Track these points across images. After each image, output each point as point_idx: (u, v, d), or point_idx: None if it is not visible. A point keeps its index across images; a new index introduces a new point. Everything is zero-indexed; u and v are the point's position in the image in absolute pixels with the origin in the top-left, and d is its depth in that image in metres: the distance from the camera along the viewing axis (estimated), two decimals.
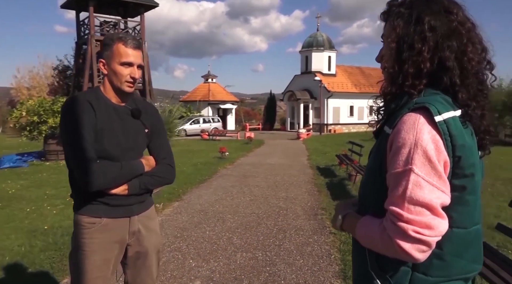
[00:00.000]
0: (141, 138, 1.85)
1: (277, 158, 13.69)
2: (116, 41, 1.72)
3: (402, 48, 1.03)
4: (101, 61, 1.77)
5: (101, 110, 1.72)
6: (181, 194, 7.28)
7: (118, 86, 1.75)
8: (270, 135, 29.22)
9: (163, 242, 4.49)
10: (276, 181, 8.88)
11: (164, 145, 1.95)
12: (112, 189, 1.70)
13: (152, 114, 1.95)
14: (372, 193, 1.08)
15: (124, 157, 1.76)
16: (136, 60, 1.76)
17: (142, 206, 1.87)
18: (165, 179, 1.90)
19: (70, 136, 1.65)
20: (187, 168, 10.74)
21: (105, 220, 1.75)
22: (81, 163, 1.62)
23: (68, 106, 1.69)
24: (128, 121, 1.81)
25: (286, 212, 5.94)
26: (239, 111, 43.34)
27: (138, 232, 1.86)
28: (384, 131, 1.06)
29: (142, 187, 1.80)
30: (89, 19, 23.92)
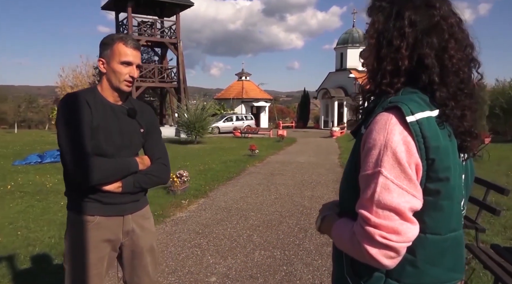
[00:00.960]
0: (136, 137, 1.88)
1: (307, 156, 13.56)
2: (116, 40, 1.76)
3: (381, 45, 0.99)
4: (100, 60, 1.79)
5: (97, 108, 1.76)
6: (208, 191, 7.37)
7: (117, 85, 1.78)
8: (303, 133, 29.00)
9: (185, 238, 4.59)
10: (304, 179, 8.80)
11: (159, 145, 1.97)
12: (105, 186, 1.73)
13: (148, 114, 1.97)
14: (348, 195, 1.05)
15: (119, 154, 1.79)
16: (135, 60, 1.79)
17: (136, 205, 1.89)
18: (159, 178, 1.91)
19: (67, 132, 1.68)
20: (217, 165, 10.87)
21: (98, 218, 1.78)
22: (79, 157, 1.66)
23: (65, 103, 1.73)
24: (124, 120, 1.84)
25: (309, 211, 5.88)
26: (273, 109, 43.30)
27: (132, 232, 1.88)
28: (360, 131, 1.02)
29: (136, 185, 1.81)
30: (127, 20, 24.71)
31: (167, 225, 5.12)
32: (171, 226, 5.08)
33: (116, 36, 1.78)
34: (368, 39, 1.04)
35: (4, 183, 8.10)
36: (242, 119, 30.50)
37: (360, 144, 0.97)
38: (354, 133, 1.09)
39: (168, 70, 26.76)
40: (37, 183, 8.17)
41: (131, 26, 24.45)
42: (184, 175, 6.99)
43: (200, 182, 8.17)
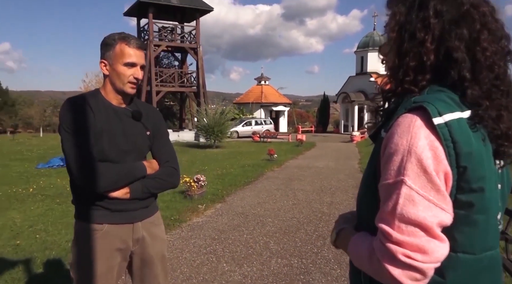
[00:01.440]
0: (142, 140, 1.80)
1: (327, 161, 13.35)
2: (119, 41, 1.68)
3: (403, 38, 0.88)
4: (102, 62, 1.71)
5: (99, 112, 1.69)
6: (225, 195, 7.31)
7: (120, 87, 1.71)
8: (322, 138, 28.70)
9: (200, 244, 4.52)
10: (323, 185, 8.63)
11: (167, 148, 1.88)
12: (113, 192, 1.66)
13: (154, 116, 1.89)
14: (367, 206, 0.94)
15: (124, 159, 1.72)
16: (139, 60, 1.71)
17: (146, 212, 1.82)
18: (168, 182, 1.83)
19: (69, 137, 1.62)
20: (235, 170, 10.81)
21: (107, 227, 1.71)
22: (83, 164, 1.60)
23: (66, 108, 1.66)
24: (129, 123, 1.76)
25: (328, 218, 5.73)
26: (292, 114, 43.09)
27: (142, 239, 1.81)
28: (380, 135, 0.91)
29: (144, 191, 1.74)
30: (148, 25, 25.11)
31: (183, 230, 5.06)
32: (187, 231, 5.02)
33: (118, 36, 1.70)
34: (388, 33, 0.93)
35: (27, 186, 8.26)
36: (261, 124, 30.44)
37: (380, 149, 0.86)
38: (373, 137, 0.98)
39: (188, 75, 27.01)
40: (58, 186, 8.29)
41: (152, 31, 24.82)
42: (201, 179, 6.95)
43: (218, 186, 8.12)
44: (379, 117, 1.00)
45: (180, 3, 25.15)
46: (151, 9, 24.48)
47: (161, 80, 25.10)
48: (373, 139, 0.98)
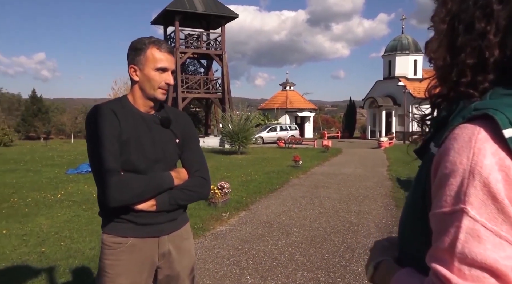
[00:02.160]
0: (171, 148, 1.70)
1: (354, 168, 13.00)
2: (149, 45, 1.60)
3: (456, 31, 0.72)
4: (132, 67, 1.63)
5: (126, 120, 1.61)
6: (249, 203, 7.17)
7: (152, 93, 1.62)
8: (348, 143, 28.17)
9: (223, 254, 4.39)
10: (350, 193, 8.36)
11: (197, 156, 1.77)
12: (138, 205, 1.56)
13: (184, 123, 1.79)
14: (413, 236, 0.78)
15: (152, 169, 1.63)
16: (171, 65, 1.62)
17: (173, 225, 1.71)
18: (197, 193, 1.71)
19: (93, 147, 1.56)
20: (259, 176, 10.67)
21: (132, 240, 1.62)
22: (101, 175, 1.52)
23: (90, 116, 1.59)
24: (157, 130, 1.67)
25: (357, 228, 5.49)
26: (317, 119, 42.63)
27: (169, 254, 1.70)
28: (429, 150, 0.75)
29: (171, 203, 1.63)
30: (175, 33, 25.49)
31: (206, 240, 4.96)
32: (210, 241, 4.91)
33: (149, 40, 1.61)
34: (436, 25, 0.77)
35: (56, 192, 8.42)
36: (286, 130, 30.22)
37: (431, 168, 0.70)
38: (420, 152, 0.82)
39: (213, 81, 27.20)
40: (85, 191, 8.40)
41: (178, 39, 25.17)
42: (225, 186, 6.85)
43: (242, 193, 8.00)
44: (426, 127, 0.83)
45: (205, 11, 25.42)
46: (178, 17, 24.84)
47: (187, 86, 25.37)
48: (419, 155, 0.82)
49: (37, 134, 40.84)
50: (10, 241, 4.89)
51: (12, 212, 6.57)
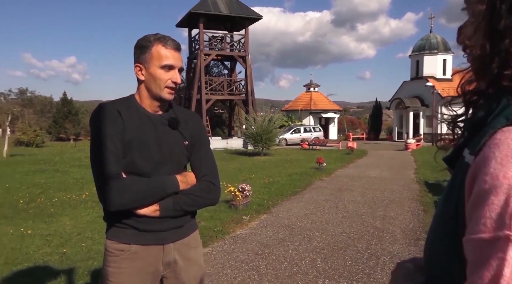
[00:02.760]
0: (178, 151, 1.60)
1: (379, 171, 12.66)
2: (155, 42, 1.51)
3: (497, 13, 0.59)
4: (137, 66, 1.55)
5: (131, 120, 1.53)
6: (271, 206, 7.05)
7: (157, 93, 1.54)
8: (374, 145, 27.57)
9: (242, 259, 4.30)
10: (375, 196, 8.10)
11: (206, 159, 1.67)
12: (140, 209, 1.48)
13: (194, 124, 1.69)
14: (443, 261, 0.65)
15: (158, 171, 1.54)
16: (177, 63, 1.53)
17: (179, 232, 1.61)
18: (205, 199, 1.61)
19: (94, 148, 1.49)
20: (282, 178, 10.53)
21: (134, 247, 1.53)
22: (101, 176, 1.44)
23: (94, 115, 1.53)
24: (164, 132, 1.58)
25: (382, 234, 5.27)
26: (342, 120, 42.02)
27: (174, 263, 1.61)
28: (463, 159, 0.62)
29: (176, 208, 1.53)
30: (199, 35, 25.71)
31: (226, 243, 4.88)
32: (229, 244, 4.83)
33: (154, 37, 1.53)
34: (472, 6, 0.64)
35: (81, 192, 8.57)
36: (310, 131, 29.89)
37: (465, 182, 0.58)
38: (451, 160, 0.69)
39: (237, 82, 27.25)
40: None
41: (202, 41, 25.37)
42: (247, 189, 6.76)
43: (264, 196, 7.89)
44: (458, 131, 0.70)
45: (229, 13, 25.51)
46: (202, 19, 25.04)
47: (210, 88, 25.52)
48: (449, 163, 0.69)
49: (67, 135, 42.14)
50: (34, 241, 4.97)
51: (38, 212, 6.72)
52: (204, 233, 5.10)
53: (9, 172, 12.16)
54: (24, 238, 5.11)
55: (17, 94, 63.16)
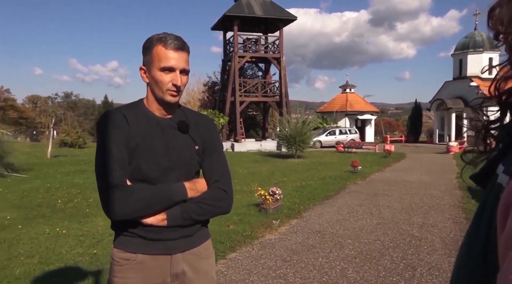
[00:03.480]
0: (188, 156, 1.52)
1: (419, 175, 12.11)
2: (156, 43, 1.44)
3: None
4: (141, 69, 1.50)
5: (138, 125, 1.46)
6: (302, 210, 6.87)
7: (161, 96, 1.47)
8: (413, 148, 26.55)
9: (270, 266, 4.17)
10: (413, 202, 7.71)
11: (218, 165, 1.57)
12: (145, 218, 1.40)
13: (205, 127, 1.60)
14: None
15: (166, 178, 1.46)
16: (179, 64, 1.44)
17: (188, 241, 1.52)
18: (215, 207, 1.51)
19: (98, 155, 1.43)
20: (315, 182, 10.30)
21: (140, 257, 1.46)
22: (103, 185, 1.38)
23: (100, 121, 1.47)
24: (173, 136, 1.51)
25: (419, 243, 4.97)
26: (379, 122, 40.87)
27: (183, 274, 1.51)
28: (495, 177, 0.48)
29: (185, 217, 1.45)
30: (233, 38, 25.89)
31: (254, 248, 4.77)
32: (257, 250, 4.71)
33: (156, 37, 1.46)
34: None
35: None
36: (346, 133, 29.25)
37: (496, 207, 0.43)
38: (481, 179, 0.54)
39: (271, 84, 27.19)
40: None
41: (237, 43, 25.52)
42: (277, 192, 6.63)
43: (295, 199, 7.71)
44: (491, 140, 0.55)
45: (264, 14, 25.51)
46: (236, 21, 25.19)
47: (244, 90, 25.61)
48: (479, 182, 0.54)
49: None
50: (68, 241, 5.09)
51: (74, 212, 6.91)
52: (232, 237, 5.02)
53: (52, 172, 12.70)
54: (59, 238, 5.25)
55: (63, 98, 66.55)
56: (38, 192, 8.83)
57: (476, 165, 0.56)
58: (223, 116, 24.28)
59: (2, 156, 11.32)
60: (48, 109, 24.58)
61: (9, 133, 14.35)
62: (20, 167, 12.16)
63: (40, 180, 10.84)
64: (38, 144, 27.74)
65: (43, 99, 61.41)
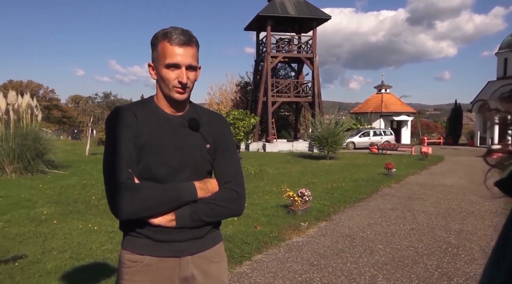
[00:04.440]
0: (199, 155, 1.46)
1: (457, 179, 11.55)
2: (161, 38, 1.40)
3: None
4: (149, 66, 1.47)
5: (147, 122, 1.42)
6: (332, 213, 6.70)
7: (168, 93, 1.43)
8: (452, 151, 25.45)
9: (296, 269, 4.06)
10: (450, 207, 7.34)
11: (230, 166, 1.51)
12: (153, 218, 1.35)
13: (218, 125, 1.54)
14: None
15: (175, 178, 1.41)
16: (184, 60, 1.38)
17: (198, 244, 1.46)
18: (225, 209, 1.44)
19: (105, 151, 1.40)
20: (346, 184, 10.05)
21: (148, 259, 1.41)
22: (110, 183, 1.34)
23: (109, 118, 1.44)
24: (183, 134, 1.46)
25: (456, 251, 4.70)
26: (416, 124, 39.52)
27: (192, 278, 1.46)
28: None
29: (194, 218, 1.39)
30: (266, 38, 25.85)
31: (281, 251, 4.68)
32: (284, 252, 4.62)
33: (161, 32, 1.42)
34: None
35: None
36: (380, 135, 28.50)
37: None
38: (507, 185, 0.44)
39: (304, 85, 26.93)
40: None
41: (270, 43, 25.46)
42: (306, 194, 6.50)
43: (325, 202, 7.54)
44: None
45: (297, 14, 25.29)
46: (269, 21, 25.13)
47: (277, 90, 25.50)
48: (507, 190, 0.44)
49: None
50: (99, 237, 5.21)
51: (107, 209, 7.06)
52: (258, 238, 4.96)
53: (89, 169, 13.14)
54: (91, 234, 5.39)
55: (102, 98, 69.20)
56: (75, 188, 9.15)
57: (504, 169, 0.46)
58: (254, 117, 24.30)
59: (43, 153, 11.84)
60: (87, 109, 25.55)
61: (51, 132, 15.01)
62: (60, 164, 12.67)
63: (78, 176, 11.25)
64: (78, 142, 28.88)
65: (84, 99, 64.15)
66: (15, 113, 11.37)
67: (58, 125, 52.80)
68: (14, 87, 44.71)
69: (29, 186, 9.28)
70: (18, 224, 5.73)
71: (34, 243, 4.84)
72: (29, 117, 11.75)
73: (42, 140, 11.88)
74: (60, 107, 62.13)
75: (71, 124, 54.38)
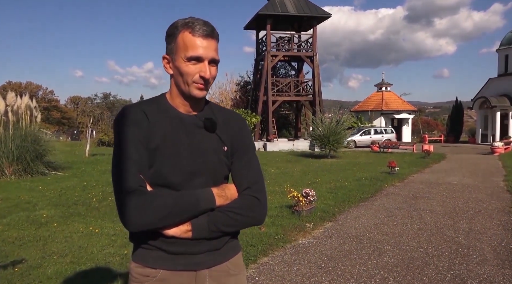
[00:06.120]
0: (216, 159, 1.33)
1: (461, 177, 11.43)
2: (181, 28, 1.26)
3: None
4: (164, 58, 1.32)
5: (159, 123, 1.29)
6: (337, 213, 6.58)
7: (186, 89, 1.28)
8: (454, 148, 25.33)
9: (303, 272, 3.94)
10: (457, 206, 7.22)
11: (250, 170, 1.37)
12: (167, 229, 1.23)
13: (235, 125, 1.40)
14: None
15: (190, 184, 1.28)
16: (208, 53, 1.25)
17: (215, 256, 1.33)
18: (246, 217, 1.31)
19: (114, 155, 1.27)
20: (349, 183, 9.93)
21: (162, 273, 1.29)
22: (119, 191, 1.22)
23: (117, 119, 1.30)
24: (198, 135, 1.32)
25: (467, 252, 4.58)
26: (417, 122, 39.39)
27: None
28: None
29: (212, 228, 1.26)
30: (266, 37, 25.70)
31: (287, 253, 4.56)
32: (290, 254, 4.50)
33: (181, 22, 1.28)
34: None
35: None
36: (381, 133, 28.38)
37: None
38: None
39: (304, 83, 26.80)
40: None
41: (269, 42, 25.31)
42: (311, 194, 6.37)
43: (329, 202, 7.42)
44: None
45: (297, 13, 25.14)
46: (269, 20, 24.98)
47: (277, 89, 25.36)
48: None
49: None
50: (100, 240, 5.08)
51: (108, 211, 6.96)
52: (264, 240, 4.84)
53: (89, 170, 13.02)
54: (92, 237, 5.26)
55: (102, 98, 69.03)
56: (75, 190, 9.02)
57: None
58: (255, 116, 24.15)
59: (43, 155, 11.71)
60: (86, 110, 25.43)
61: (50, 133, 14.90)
62: (60, 165, 12.54)
63: (78, 178, 11.12)
64: (77, 142, 28.73)
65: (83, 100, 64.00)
66: (14, 115, 11.25)
67: (57, 126, 52.65)
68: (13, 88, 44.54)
69: (28, 188, 9.16)
70: (17, 227, 5.60)
71: (34, 247, 4.72)
72: (28, 118, 11.62)
73: (42, 141, 11.75)
74: (60, 108, 61.92)
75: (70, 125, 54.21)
